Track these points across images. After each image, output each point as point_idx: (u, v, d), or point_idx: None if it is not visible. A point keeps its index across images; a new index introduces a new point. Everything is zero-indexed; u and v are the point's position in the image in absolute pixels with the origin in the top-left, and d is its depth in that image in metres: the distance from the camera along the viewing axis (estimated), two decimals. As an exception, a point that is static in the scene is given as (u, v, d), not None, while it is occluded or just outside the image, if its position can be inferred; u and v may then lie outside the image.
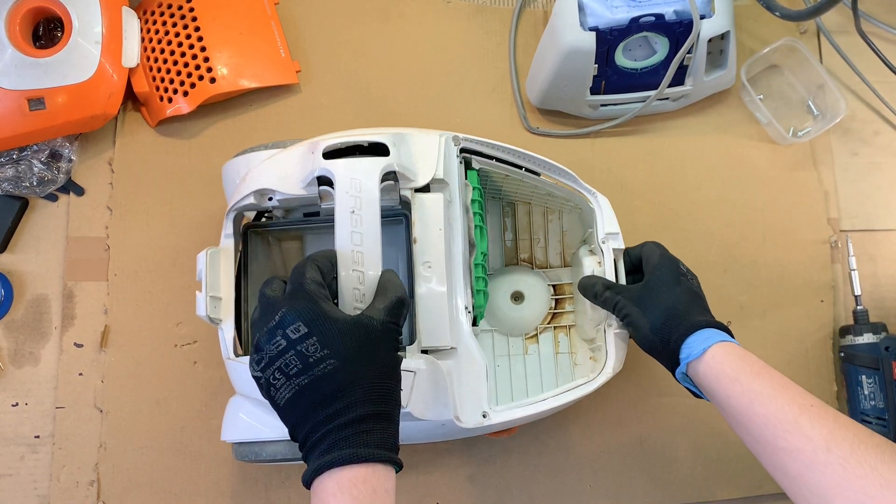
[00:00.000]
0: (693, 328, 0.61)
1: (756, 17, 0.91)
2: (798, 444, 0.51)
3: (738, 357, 0.58)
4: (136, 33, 0.83)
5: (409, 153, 0.63)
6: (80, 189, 0.85)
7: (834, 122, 0.85)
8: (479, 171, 0.72)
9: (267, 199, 0.65)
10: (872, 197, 0.88)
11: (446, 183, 0.65)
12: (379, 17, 0.91)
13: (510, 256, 0.82)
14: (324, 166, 0.58)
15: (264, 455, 0.67)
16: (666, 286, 0.65)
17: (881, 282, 0.86)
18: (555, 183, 0.73)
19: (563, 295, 0.80)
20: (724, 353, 0.58)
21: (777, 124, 0.85)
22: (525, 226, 0.82)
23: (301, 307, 0.49)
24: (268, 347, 0.49)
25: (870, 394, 0.79)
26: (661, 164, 0.88)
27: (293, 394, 0.48)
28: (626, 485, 0.81)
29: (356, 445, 0.47)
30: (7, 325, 0.82)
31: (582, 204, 0.74)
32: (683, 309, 0.62)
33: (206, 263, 0.64)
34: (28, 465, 0.80)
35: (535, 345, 0.79)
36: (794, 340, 0.84)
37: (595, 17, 0.78)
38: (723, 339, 0.59)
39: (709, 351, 0.58)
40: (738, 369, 0.57)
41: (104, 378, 0.81)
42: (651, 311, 0.63)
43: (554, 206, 0.80)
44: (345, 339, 0.48)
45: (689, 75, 0.83)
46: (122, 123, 0.87)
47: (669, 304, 0.63)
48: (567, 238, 0.81)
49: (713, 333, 0.60)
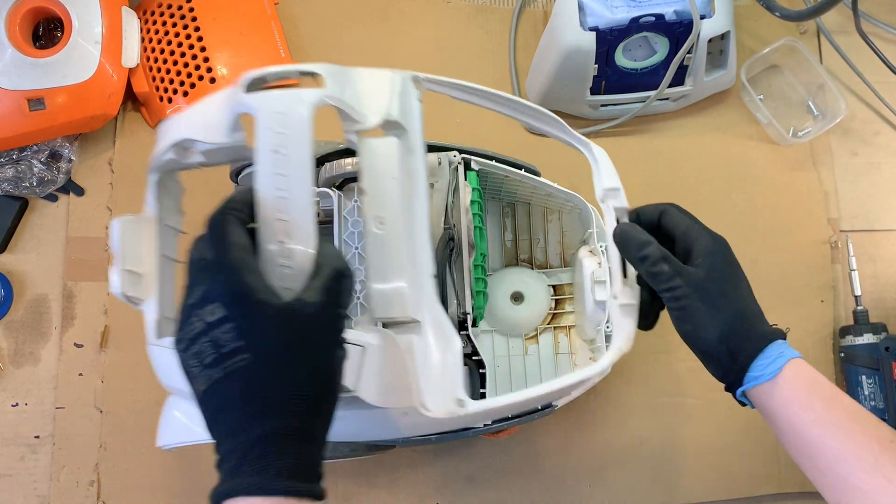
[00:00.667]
0: (763, 341, 0.53)
1: (756, 17, 0.91)
2: (878, 486, 0.47)
3: (811, 380, 0.52)
4: (135, 33, 0.83)
5: (355, 91, 0.53)
6: (80, 189, 0.85)
7: (834, 122, 0.85)
8: (479, 172, 0.72)
9: (190, 154, 0.53)
10: (872, 197, 0.88)
11: (403, 128, 0.55)
12: (379, 17, 0.91)
13: (510, 257, 0.82)
14: (245, 100, 0.47)
15: None
16: (732, 281, 0.54)
17: (881, 282, 0.86)
18: (552, 183, 0.73)
19: (563, 295, 0.80)
20: (795, 374, 0.52)
21: (777, 124, 0.85)
22: (525, 226, 0.82)
23: (220, 284, 0.40)
24: (186, 328, 0.41)
25: (870, 394, 0.79)
26: (661, 164, 0.88)
27: (207, 386, 0.40)
28: (627, 485, 0.81)
29: (262, 473, 0.38)
30: (7, 325, 0.82)
31: (581, 205, 0.73)
32: (752, 316, 0.54)
33: (121, 234, 0.53)
34: (28, 465, 0.80)
35: (535, 345, 0.79)
36: (794, 340, 0.83)
37: (595, 16, 0.78)
38: (793, 357, 0.53)
39: (781, 373, 0.52)
40: (811, 395, 0.51)
41: (104, 378, 0.81)
42: (719, 312, 0.53)
43: (554, 207, 0.80)
44: (267, 331, 0.39)
45: (689, 75, 0.83)
46: (121, 123, 0.87)
47: (738, 306, 0.53)
48: (567, 238, 0.81)
49: (783, 348, 0.53)
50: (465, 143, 0.88)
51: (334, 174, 0.62)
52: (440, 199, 0.70)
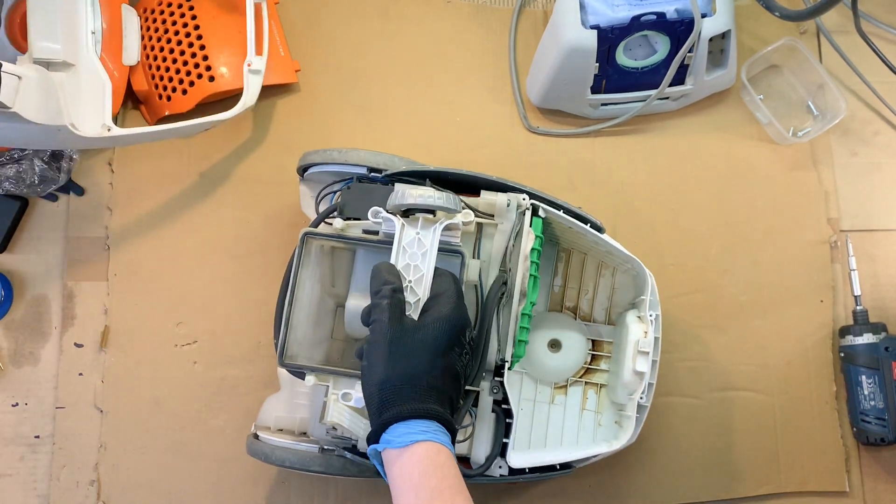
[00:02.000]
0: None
1: (756, 17, 0.91)
2: None
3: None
4: (135, 31, 0.83)
5: None
6: (80, 189, 0.85)
7: (834, 122, 0.85)
8: (545, 220, 0.70)
9: None
10: (872, 197, 0.88)
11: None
12: (379, 16, 0.91)
13: (555, 302, 0.80)
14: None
15: (273, 459, 0.68)
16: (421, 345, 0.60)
17: (881, 282, 0.86)
18: (615, 244, 0.71)
19: (600, 352, 0.78)
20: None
21: (777, 124, 0.85)
22: (576, 274, 0.80)
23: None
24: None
25: (869, 394, 0.79)
26: (661, 164, 0.88)
27: None
28: (626, 485, 0.81)
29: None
30: (7, 325, 0.82)
31: (638, 268, 0.72)
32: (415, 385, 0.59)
33: None
34: (28, 465, 0.79)
35: (563, 396, 0.77)
36: (794, 340, 0.84)
37: (596, 15, 0.78)
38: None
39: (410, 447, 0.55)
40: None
41: (104, 378, 0.81)
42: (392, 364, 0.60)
43: (609, 263, 0.79)
44: None
45: (689, 75, 0.83)
46: (121, 122, 0.87)
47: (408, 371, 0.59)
48: (616, 296, 0.79)
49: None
50: (465, 142, 0.88)
51: (404, 202, 0.62)
52: (502, 241, 0.69)
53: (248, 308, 0.83)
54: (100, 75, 0.75)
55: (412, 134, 0.88)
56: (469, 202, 0.69)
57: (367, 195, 0.69)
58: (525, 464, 0.66)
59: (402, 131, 0.88)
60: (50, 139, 0.70)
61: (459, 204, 0.63)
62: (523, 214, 0.69)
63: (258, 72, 0.81)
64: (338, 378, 0.64)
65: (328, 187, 0.74)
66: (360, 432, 0.63)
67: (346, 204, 0.69)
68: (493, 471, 0.67)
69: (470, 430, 0.67)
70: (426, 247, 0.61)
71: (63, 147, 0.80)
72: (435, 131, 0.88)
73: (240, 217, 0.85)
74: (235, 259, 0.84)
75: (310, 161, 0.74)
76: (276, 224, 0.85)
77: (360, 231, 0.67)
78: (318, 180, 0.76)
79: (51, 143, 0.73)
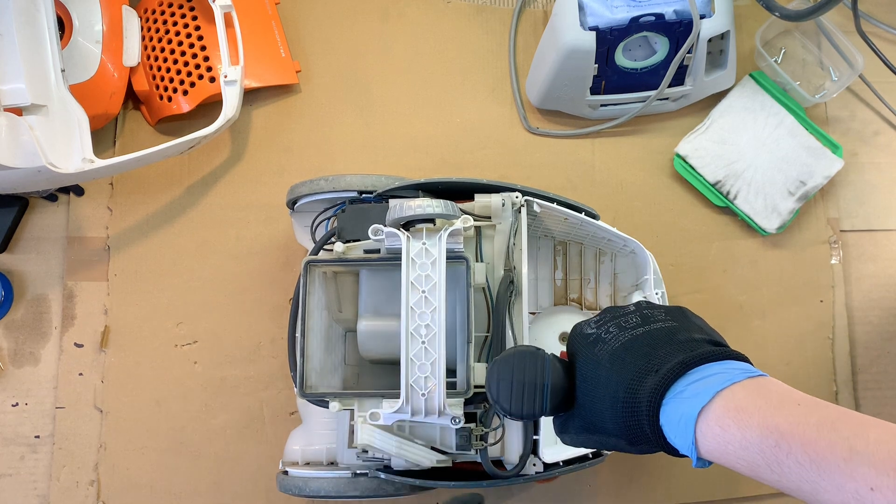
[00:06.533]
0: None
1: (756, 17, 0.91)
2: None
3: None
4: (136, 32, 0.83)
5: None
6: (80, 189, 0.85)
7: (853, 78, 0.84)
8: (537, 214, 0.71)
9: None
10: (872, 197, 0.88)
11: None
12: (379, 17, 0.91)
13: (559, 296, 0.80)
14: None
15: (308, 490, 0.67)
16: None
17: (881, 282, 0.86)
18: (611, 228, 0.71)
19: None
20: None
21: (798, 88, 0.85)
22: (576, 266, 0.80)
23: None
24: None
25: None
26: (661, 163, 0.88)
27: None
28: (626, 485, 0.81)
29: None
30: (7, 325, 0.82)
31: (637, 249, 0.72)
32: None
33: None
34: (28, 465, 0.80)
35: None
36: (794, 340, 0.84)
37: (595, 16, 0.78)
38: None
39: None
40: None
41: (104, 378, 0.81)
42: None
43: (607, 249, 0.79)
44: None
45: (688, 75, 0.83)
46: (122, 122, 0.87)
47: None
48: (618, 281, 0.80)
49: None
50: (465, 143, 0.88)
51: (403, 215, 0.62)
52: (501, 241, 0.70)
53: (249, 308, 0.83)
54: (73, 111, 0.75)
55: (412, 135, 0.88)
56: (464, 207, 0.69)
57: (363, 216, 0.69)
58: (558, 457, 0.66)
59: (402, 132, 0.88)
60: (32, 180, 0.71)
61: (457, 210, 0.64)
62: (519, 212, 0.69)
63: (234, 82, 0.79)
64: (362, 400, 0.64)
65: (321, 214, 0.74)
66: (392, 450, 0.63)
67: (343, 227, 0.69)
68: (528, 469, 0.67)
69: (500, 432, 0.67)
70: (434, 255, 0.61)
71: (49, 186, 0.79)
72: (434, 132, 0.88)
73: (240, 217, 0.85)
74: (235, 259, 0.84)
75: (298, 193, 0.74)
76: (277, 224, 0.85)
77: (361, 252, 0.68)
78: (308, 210, 0.76)
79: (34, 184, 0.74)
